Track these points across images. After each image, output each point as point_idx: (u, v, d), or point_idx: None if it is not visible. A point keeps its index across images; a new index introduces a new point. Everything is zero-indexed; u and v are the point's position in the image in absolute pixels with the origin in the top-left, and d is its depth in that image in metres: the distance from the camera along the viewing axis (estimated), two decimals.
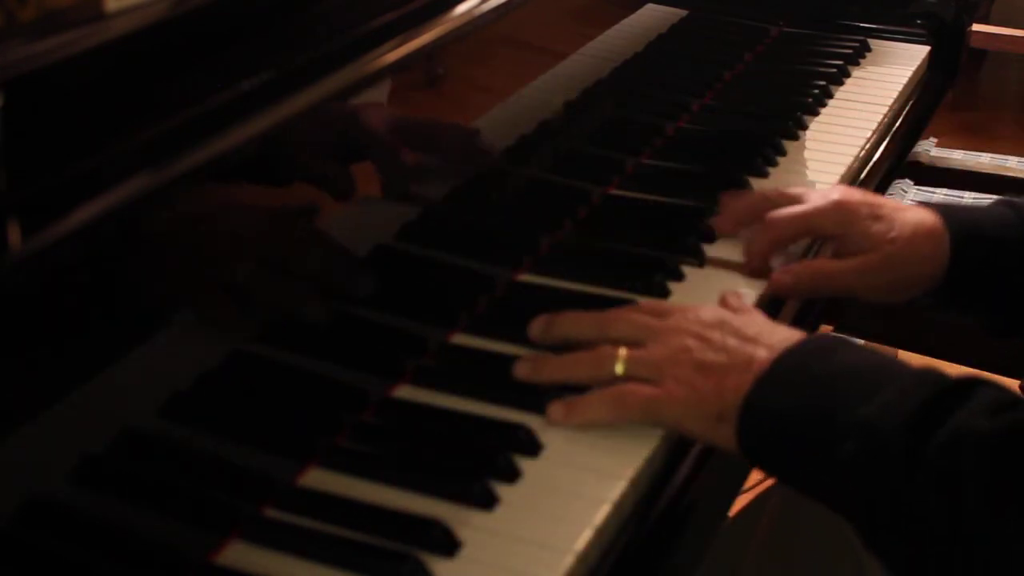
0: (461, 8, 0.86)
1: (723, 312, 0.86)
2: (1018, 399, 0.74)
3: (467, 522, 0.72)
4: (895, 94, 1.37)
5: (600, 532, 0.73)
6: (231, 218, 0.74)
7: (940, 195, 1.88)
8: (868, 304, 1.04)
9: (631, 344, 0.83)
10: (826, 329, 1.46)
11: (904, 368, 0.78)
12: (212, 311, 0.73)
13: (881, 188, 1.34)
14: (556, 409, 0.81)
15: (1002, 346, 1.58)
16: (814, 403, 0.76)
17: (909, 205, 1.00)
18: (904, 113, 1.39)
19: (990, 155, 2.07)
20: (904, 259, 0.97)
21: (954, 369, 2.43)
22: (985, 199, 1.74)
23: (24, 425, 0.60)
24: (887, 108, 1.34)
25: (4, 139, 0.53)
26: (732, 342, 0.82)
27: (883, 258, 0.97)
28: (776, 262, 1.01)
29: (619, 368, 0.82)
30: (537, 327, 0.88)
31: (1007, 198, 1.03)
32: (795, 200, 1.02)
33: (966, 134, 3.28)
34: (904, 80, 1.41)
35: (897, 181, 1.81)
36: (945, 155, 1.95)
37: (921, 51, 1.49)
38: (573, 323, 0.88)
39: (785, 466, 0.79)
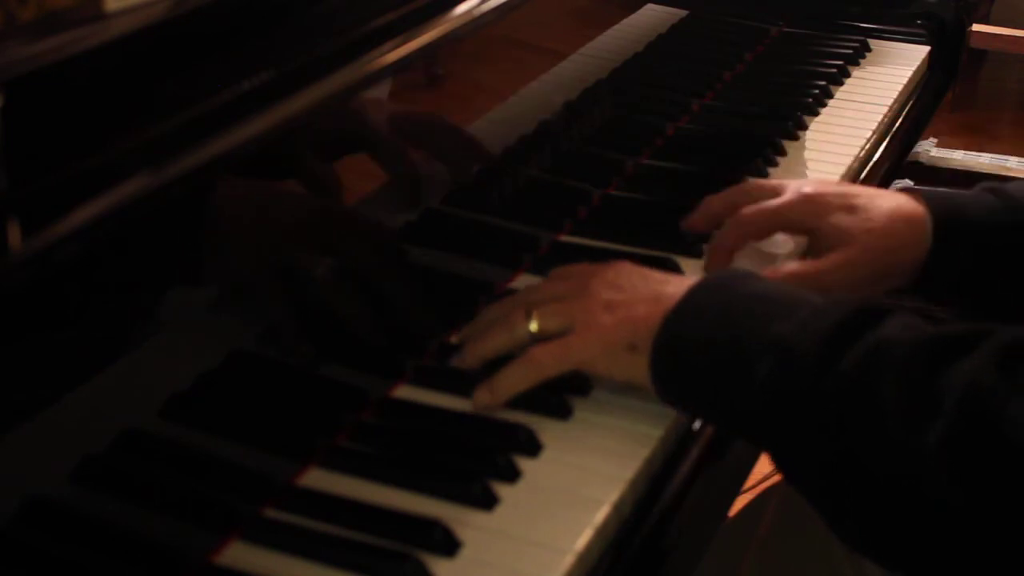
0: (461, 8, 0.86)
1: (627, 262, 0.86)
2: (918, 320, 0.74)
3: (467, 522, 0.72)
4: (895, 94, 1.37)
5: (600, 532, 0.73)
6: (231, 218, 0.74)
7: None
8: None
9: (540, 303, 0.84)
10: None
11: (813, 295, 0.78)
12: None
13: (881, 188, 1.35)
14: (480, 393, 0.81)
15: None
16: (727, 328, 0.76)
17: (887, 191, 0.98)
18: (904, 113, 1.39)
19: (990, 155, 2.07)
20: (882, 249, 0.95)
21: None
22: None
23: (24, 425, 0.60)
24: (887, 108, 1.34)
25: (4, 139, 0.53)
26: (640, 282, 0.83)
27: (859, 251, 0.94)
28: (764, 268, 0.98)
29: (532, 326, 0.83)
30: (463, 332, 0.88)
31: (990, 184, 1.01)
32: (773, 191, 1.00)
33: (966, 134, 3.28)
34: (904, 80, 1.41)
35: (897, 181, 1.81)
36: (945, 155, 1.95)
37: (921, 51, 1.49)
38: (487, 310, 0.88)
39: (699, 396, 0.78)
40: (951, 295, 1.02)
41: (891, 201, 0.96)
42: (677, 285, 0.81)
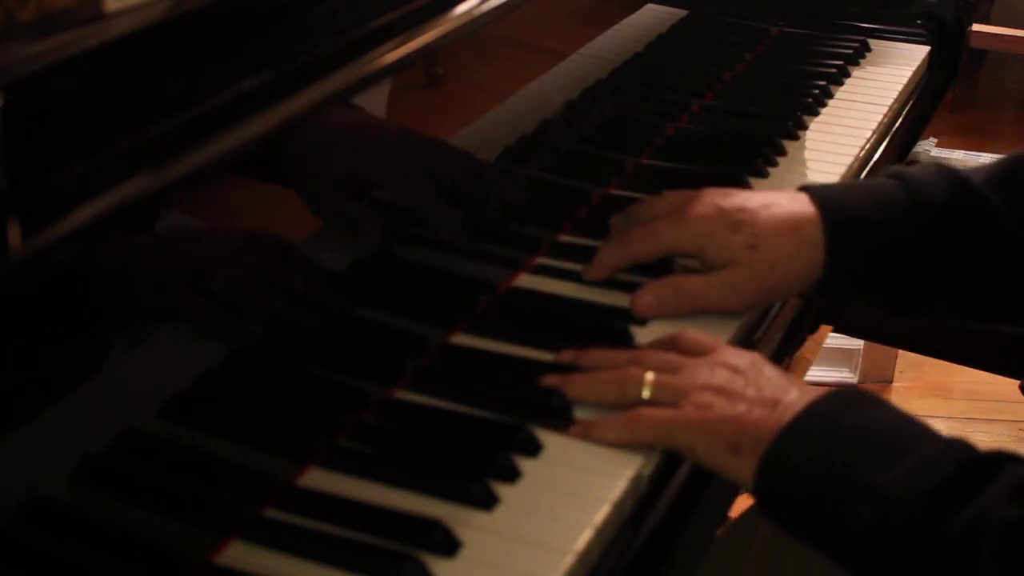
0: (461, 8, 0.86)
1: (758, 355, 0.84)
2: None
3: (467, 522, 0.72)
4: (895, 94, 1.37)
5: (600, 532, 0.73)
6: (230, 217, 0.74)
7: None
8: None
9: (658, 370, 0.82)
10: (825, 329, 1.46)
11: (931, 434, 0.75)
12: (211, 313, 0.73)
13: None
14: (575, 431, 0.80)
15: (1002, 346, 1.58)
16: (835, 461, 0.74)
17: (779, 198, 0.95)
18: (904, 113, 1.39)
19: (990, 155, 2.07)
20: (766, 264, 0.92)
21: (952, 370, 2.43)
22: None
23: (24, 425, 0.60)
24: (887, 108, 1.34)
25: (4, 139, 0.53)
26: (764, 380, 0.80)
27: (743, 270, 0.92)
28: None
29: (645, 392, 0.81)
30: (566, 356, 0.86)
31: (897, 168, 0.98)
32: (668, 207, 0.96)
33: (966, 134, 3.28)
34: (904, 80, 1.41)
35: None
36: (945, 155, 1.95)
37: (921, 51, 1.49)
38: (605, 356, 0.85)
39: (796, 520, 0.77)
40: (855, 294, 1.00)
41: (779, 211, 0.93)
42: (794, 396, 0.79)
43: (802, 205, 0.94)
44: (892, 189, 0.95)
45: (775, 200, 0.95)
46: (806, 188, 0.97)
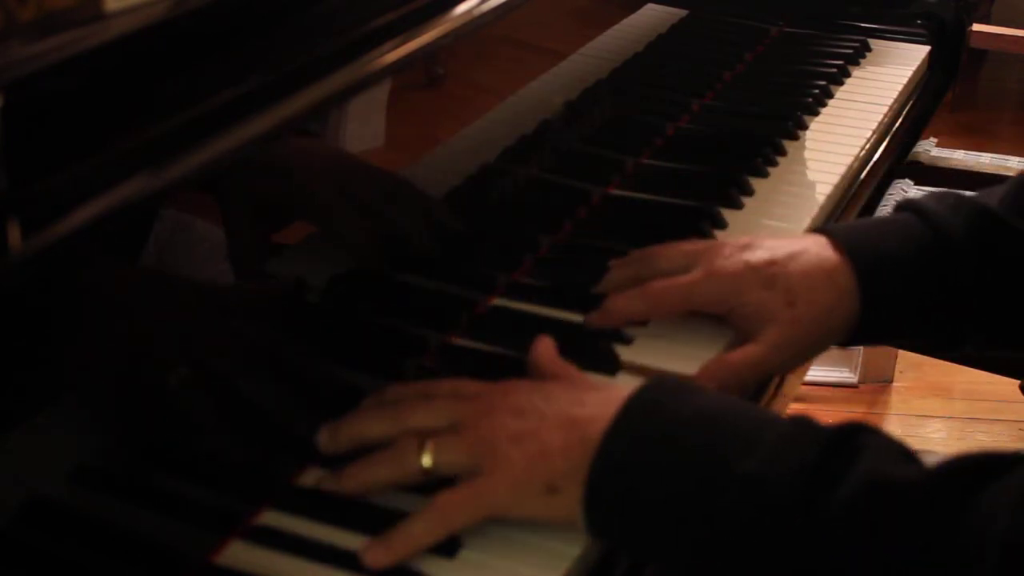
0: (461, 8, 0.86)
1: (531, 382, 0.78)
2: (905, 448, 0.69)
3: None
4: (895, 94, 1.37)
5: None
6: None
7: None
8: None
9: (434, 433, 0.73)
10: None
11: (770, 413, 0.72)
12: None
13: (881, 188, 1.35)
14: (372, 550, 0.69)
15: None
16: (679, 462, 0.68)
17: (804, 244, 0.91)
18: (904, 113, 1.39)
19: (990, 155, 2.07)
20: (809, 319, 0.88)
21: (952, 370, 2.43)
22: None
23: (24, 425, 0.60)
24: (887, 108, 1.34)
25: (4, 139, 0.53)
26: (543, 403, 0.73)
27: (788, 327, 0.87)
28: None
29: (426, 460, 0.72)
30: (323, 437, 0.76)
31: (910, 200, 0.94)
32: (682, 259, 0.92)
33: (966, 134, 3.28)
34: (904, 80, 1.41)
35: (897, 181, 1.81)
36: (945, 155, 1.95)
37: (921, 51, 1.49)
38: (362, 422, 0.76)
39: (646, 536, 0.69)
40: (890, 336, 0.98)
41: (808, 259, 0.89)
42: (592, 405, 0.72)
43: (828, 250, 0.90)
44: (912, 225, 0.92)
45: (801, 248, 0.90)
46: (824, 231, 0.93)
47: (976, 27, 1.82)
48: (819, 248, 0.91)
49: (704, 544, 0.68)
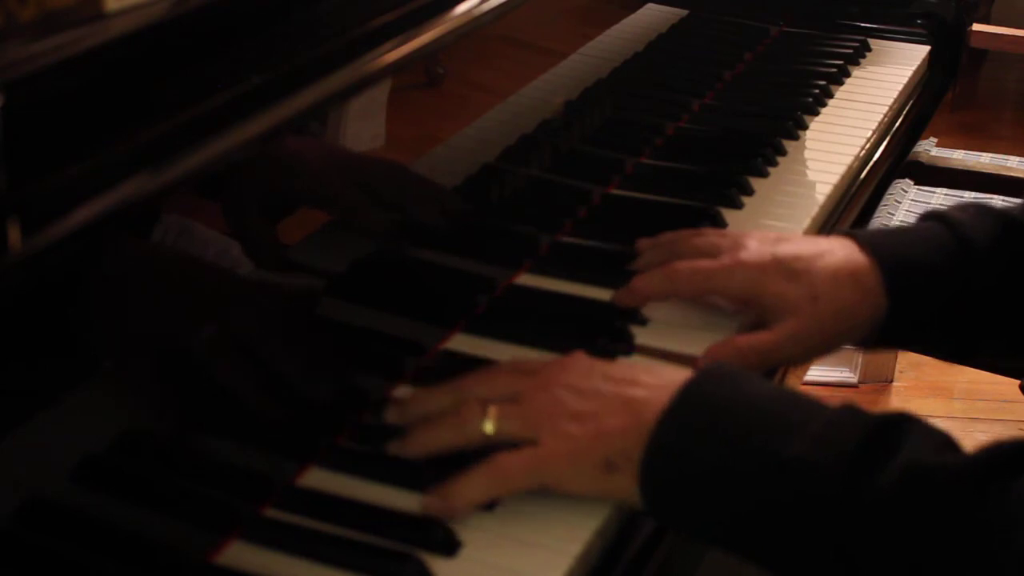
0: (461, 8, 0.86)
1: (594, 360, 0.80)
2: (948, 438, 0.71)
3: (467, 522, 0.72)
4: (895, 94, 1.37)
5: (601, 532, 0.73)
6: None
7: (940, 195, 1.89)
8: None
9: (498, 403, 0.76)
10: None
11: (817, 400, 0.73)
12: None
13: (881, 188, 1.35)
14: (431, 502, 0.73)
15: None
16: (730, 445, 0.71)
17: (830, 245, 0.92)
18: (904, 113, 1.39)
19: (990, 155, 2.07)
20: (830, 314, 0.89)
21: (952, 370, 2.43)
22: (986, 199, 1.75)
23: (24, 425, 0.60)
24: (887, 108, 1.34)
25: (4, 139, 0.53)
26: (603, 384, 0.76)
27: (808, 320, 0.89)
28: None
29: (488, 426, 0.74)
30: (391, 413, 0.79)
31: (937, 211, 0.95)
32: (710, 248, 0.94)
33: (966, 134, 3.28)
34: (904, 80, 1.41)
35: (897, 181, 1.81)
36: (945, 155, 1.95)
37: (921, 51, 1.49)
38: (428, 394, 0.80)
39: (703, 516, 0.72)
40: (914, 341, 0.98)
41: (834, 258, 0.91)
42: (647, 388, 0.75)
43: (854, 252, 0.91)
44: (938, 233, 0.93)
45: (828, 248, 0.92)
46: (850, 234, 0.94)
47: (976, 27, 1.83)
48: (846, 249, 0.92)
49: (753, 525, 0.70)
